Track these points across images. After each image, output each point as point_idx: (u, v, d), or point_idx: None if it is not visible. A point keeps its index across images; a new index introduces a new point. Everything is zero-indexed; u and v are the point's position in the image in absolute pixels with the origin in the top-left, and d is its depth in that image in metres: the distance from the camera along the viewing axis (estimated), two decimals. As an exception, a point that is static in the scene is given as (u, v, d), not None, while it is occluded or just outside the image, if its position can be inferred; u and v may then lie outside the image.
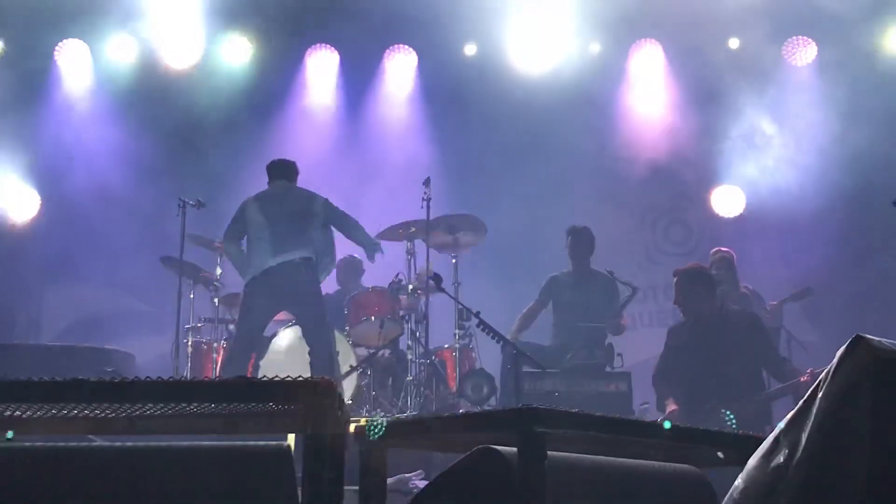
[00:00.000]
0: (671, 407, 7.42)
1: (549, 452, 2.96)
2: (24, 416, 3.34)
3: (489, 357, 9.47)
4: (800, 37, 11.76)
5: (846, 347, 2.69)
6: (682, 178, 11.71)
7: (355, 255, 10.14)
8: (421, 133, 12.13)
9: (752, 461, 2.82)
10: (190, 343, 9.36)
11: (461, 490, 3.06)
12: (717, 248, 10.13)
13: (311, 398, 2.87)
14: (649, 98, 12.12)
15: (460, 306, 8.72)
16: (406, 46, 12.29)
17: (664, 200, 11.90)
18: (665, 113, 11.99)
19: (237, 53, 12.12)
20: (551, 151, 11.79)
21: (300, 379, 2.89)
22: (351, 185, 10.54)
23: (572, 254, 9.45)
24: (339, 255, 9.40)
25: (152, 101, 11.72)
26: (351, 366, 8.82)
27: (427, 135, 12.09)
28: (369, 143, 12.09)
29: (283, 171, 8.93)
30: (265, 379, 2.93)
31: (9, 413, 3.34)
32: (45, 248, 11.31)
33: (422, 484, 6.68)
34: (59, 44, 11.87)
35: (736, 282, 9.58)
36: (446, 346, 9.48)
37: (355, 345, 9.19)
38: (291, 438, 4.52)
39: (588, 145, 11.72)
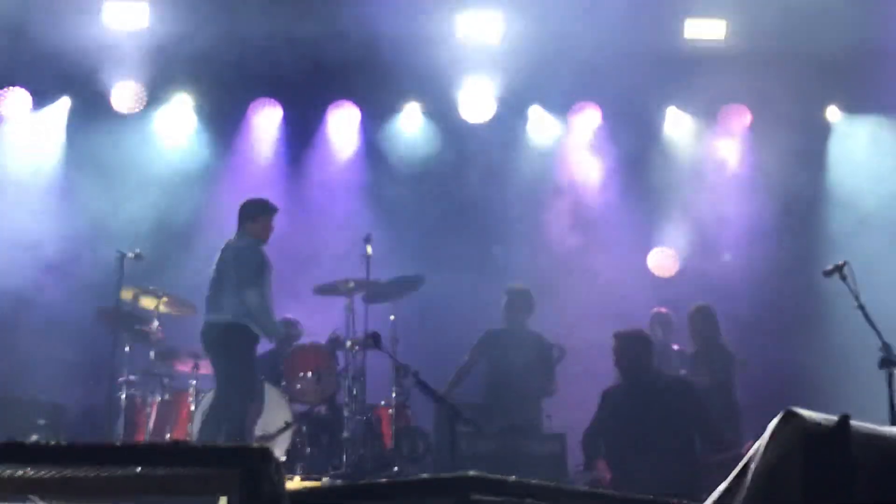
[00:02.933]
0: (602, 470, 7.46)
1: (484, 521, 2.98)
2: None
3: (425, 414, 9.49)
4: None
5: (778, 420, 2.76)
6: (616, 238, 11.88)
7: (287, 316, 10.10)
8: (362, 189, 12.16)
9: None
10: (124, 396, 9.24)
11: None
12: (656, 309, 10.30)
13: (247, 463, 2.87)
14: (585, 161, 12.35)
15: (398, 364, 8.73)
16: (349, 102, 12.34)
17: (599, 261, 12.01)
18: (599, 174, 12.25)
19: (180, 106, 12.11)
20: (490, 207, 11.94)
21: (236, 444, 2.90)
22: (292, 238, 10.50)
23: (508, 313, 9.52)
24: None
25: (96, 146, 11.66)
26: (286, 422, 8.76)
27: (368, 191, 12.13)
28: (311, 198, 12.09)
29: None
30: (201, 444, 2.94)
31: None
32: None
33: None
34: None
35: (669, 344, 9.76)
36: (383, 402, 9.47)
37: (292, 400, 9.13)
38: (224, 501, 4.48)
39: (528, 203, 11.90)
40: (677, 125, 12.33)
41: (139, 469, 3.20)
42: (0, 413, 8.82)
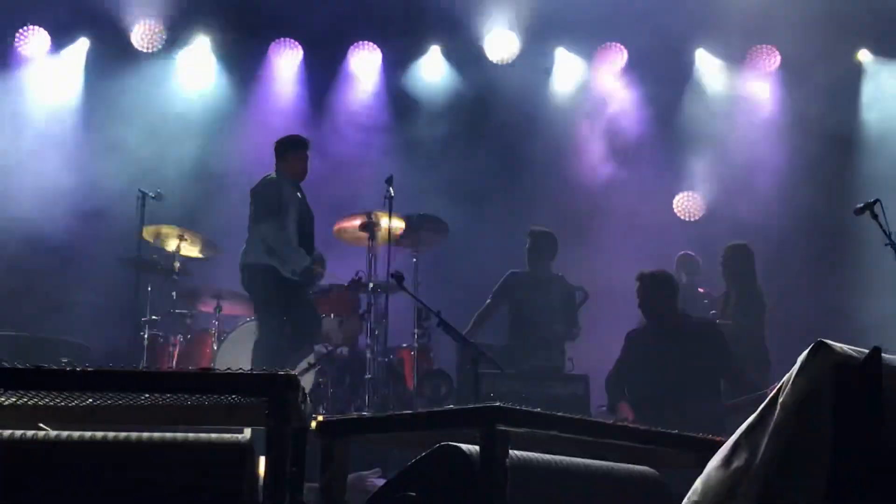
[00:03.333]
0: (625, 412, 7.44)
1: (510, 451, 2.98)
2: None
3: (446, 357, 9.49)
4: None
5: (808, 352, 2.71)
6: (642, 183, 11.81)
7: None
8: (385, 131, 12.12)
9: (712, 464, 2.84)
10: (147, 336, 9.27)
11: (423, 486, 3.07)
12: (683, 251, 10.26)
13: (275, 392, 2.86)
14: (612, 102, 12.27)
15: (420, 305, 8.70)
16: (371, 43, 12.28)
17: (623, 205, 11.95)
18: (629, 121, 12.16)
19: (200, 47, 12.07)
20: (516, 156, 11.91)
21: (264, 372, 2.88)
22: (312, 176, 10.49)
23: (531, 256, 9.47)
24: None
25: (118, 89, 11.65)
26: (309, 363, 8.76)
27: (392, 133, 12.09)
28: (333, 140, 12.04)
29: None
30: (227, 371, 2.92)
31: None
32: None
33: (379, 482, 6.67)
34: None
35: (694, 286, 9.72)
36: (405, 345, 9.47)
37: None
38: (248, 432, 4.49)
39: (552, 151, 11.85)
40: (706, 66, 12.21)
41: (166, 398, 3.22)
42: (25, 353, 8.83)
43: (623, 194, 11.67)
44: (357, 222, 9.37)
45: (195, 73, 12.10)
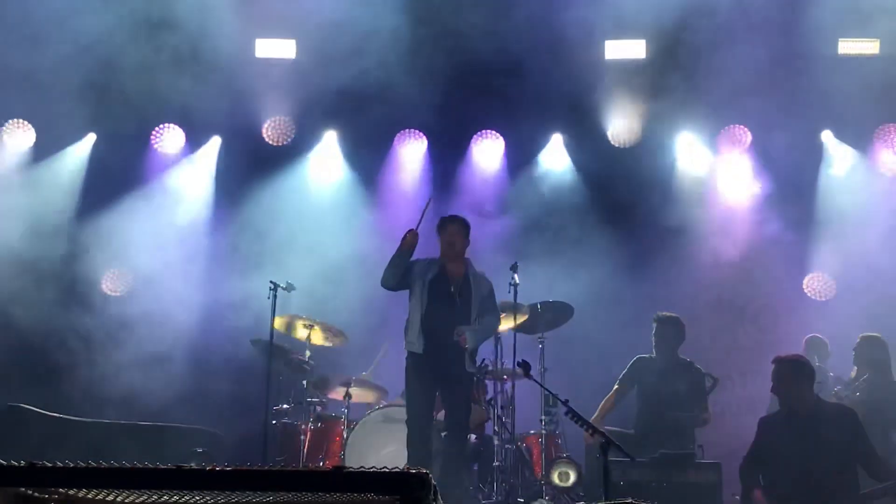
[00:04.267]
0: (760, 500, 7.25)
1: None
2: (125, 500, 3.42)
3: (575, 443, 9.42)
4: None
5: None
6: (770, 263, 11.66)
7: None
8: (508, 218, 12.22)
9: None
10: (278, 424, 9.44)
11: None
12: (812, 334, 10.08)
13: (407, 490, 2.89)
14: (736, 183, 12.18)
15: (547, 393, 8.68)
16: (494, 132, 12.46)
17: (752, 287, 11.79)
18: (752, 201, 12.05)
19: (329, 140, 12.44)
20: (639, 236, 11.90)
21: (396, 470, 2.91)
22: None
23: (658, 341, 9.38)
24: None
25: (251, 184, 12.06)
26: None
27: (514, 220, 12.18)
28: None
29: None
30: (361, 469, 2.96)
31: (110, 497, 3.42)
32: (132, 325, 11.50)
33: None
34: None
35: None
36: (532, 431, 9.44)
37: (442, 429, 9.17)
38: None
39: (676, 228, 11.79)
40: (833, 147, 12.07)
41: (297, 496, 3.27)
42: (160, 441, 9.07)
43: (749, 281, 11.51)
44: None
45: (324, 167, 12.43)
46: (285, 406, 9.71)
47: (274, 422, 9.46)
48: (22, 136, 12.21)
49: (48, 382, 10.96)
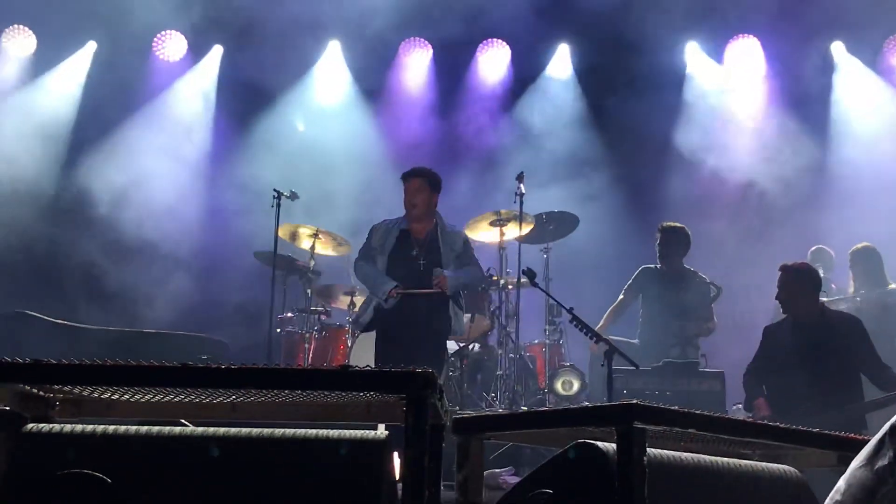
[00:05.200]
0: (763, 408, 7.29)
1: (647, 449, 2.95)
2: (130, 399, 3.43)
3: (579, 353, 9.46)
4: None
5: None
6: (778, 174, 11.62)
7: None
8: (515, 127, 12.15)
9: (855, 463, 2.77)
10: (283, 333, 9.47)
11: (558, 484, 3.05)
12: (817, 246, 10.05)
13: (413, 389, 2.89)
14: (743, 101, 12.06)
15: (553, 302, 8.68)
16: (499, 41, 12.32)
17: (758, 199, 11.74)
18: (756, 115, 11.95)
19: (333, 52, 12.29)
20: (648, 151, 11.82)
21: (402, 369, 2.91)
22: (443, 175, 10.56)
23: (663, 252, 9.35)
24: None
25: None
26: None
27: (519, 129, 12.11)
28: (461, 135, 12.12)
29: None
30: (367, 368, 2.95)
31: (115, 396, 3.42)
32: (144, 235, 11.49)
33: (513, 480, 6.69)
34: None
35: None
36: (536, 341, 9.47)
37: (445, 338, 9.21)
38: (381, 428, 4.54)
39: (689, 147, 11.71)
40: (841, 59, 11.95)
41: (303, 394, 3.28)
42: (165, 349, 9.10)
43: (756, 188, 11.45)
44: (487, 220, 9.39)
45: (329, 74, 12.32)
46: (290, 315, 9.73)
47: (278, 330, 9.50)
48: (23, 42, 12.06)
49: (54, 291, 11.00)
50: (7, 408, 3.33)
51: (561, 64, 12.43)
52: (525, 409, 8.68)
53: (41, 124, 11.82)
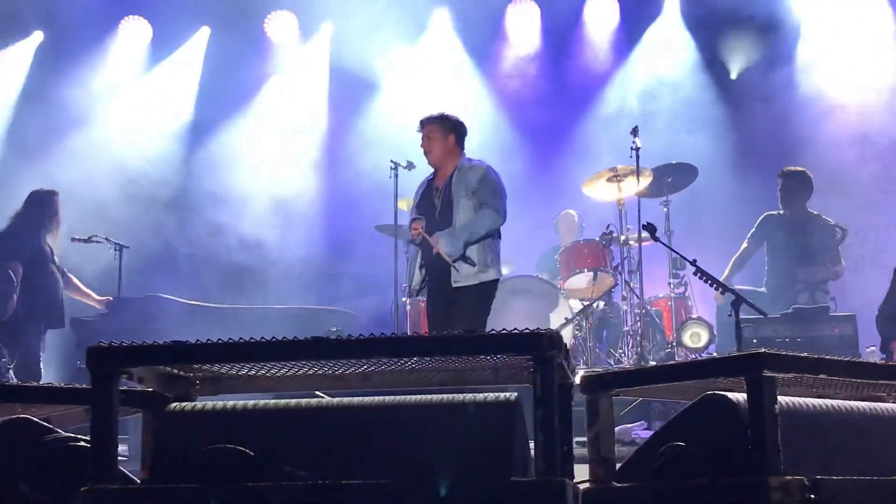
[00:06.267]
0: (900, 350, 7.15)
1: (779, 398, 2.94)
2: (266, 374, 3.55)
3: (704, 305, 9.39)
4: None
5: None
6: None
7: (572, 211, 10.26)
8: (626, 80, 12.03)
9: None
10: (408, 302, 9.59)
11: (691, 436, 3.06)
12: None
13: (539, 350, 2.93)
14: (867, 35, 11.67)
15: (675, 255, 8.63)
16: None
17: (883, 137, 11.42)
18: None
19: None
20: (760, 94, 11.59)
21: (528, 331, 2.95)
22: (559, 134, 10.60)
23: (785, 196, 9.19)
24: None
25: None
26: (566, 318, 8.86)
27: (634, 82, 11.99)
28: (574, 88, 12.06)
29: None
30: (492, 331, 3.00)
31: (252, 372, 3.54)
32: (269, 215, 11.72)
33: (643, 434, 6.70)
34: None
35: None
36: (661, 295, 9.43)
37: (569, 297, 9.22)
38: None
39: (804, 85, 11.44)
40: None
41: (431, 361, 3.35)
42: (295, 323, 9.30)
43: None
44: (605, 177, 9.36)
45: (438, 42, 12.38)
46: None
47: (404, 300, 9.62)
48: (139, 31, 12.37)
49: (184, 276, 11.31)
50: (151, 389, 3.49)
51: (670, 12, 12.22)
52: (653, 363, 8.67)
53: (162, 112, 12.13)
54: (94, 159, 11.22)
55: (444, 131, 7.46)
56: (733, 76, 11.84)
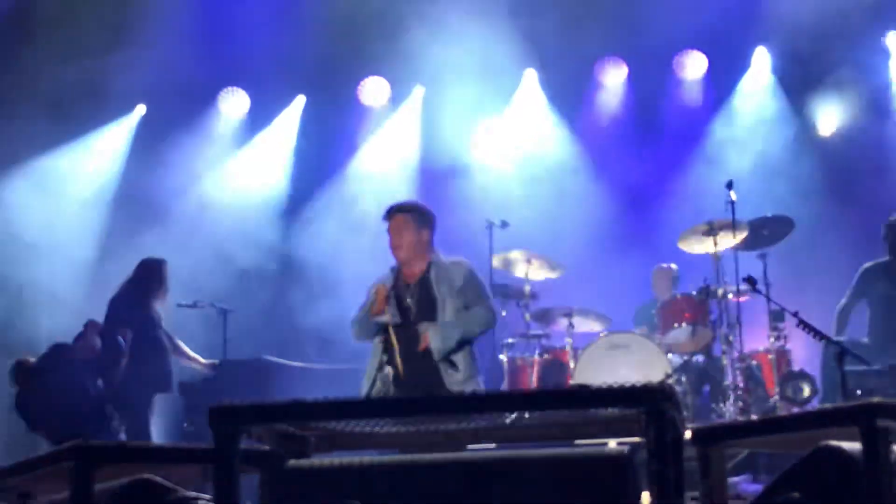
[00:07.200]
0: None
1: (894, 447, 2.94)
2: (379, 431, 3.63)
3: (805, 358, 9.28)
4: None
5: None
6: None
7: (670, 265, 10.25)
8: (718, 134, 12.02)
9: None
10: (505, 359, 9.64)
11: (805, 486, 3.07)
12: None
13: (653, 402, 2.97)
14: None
15: (775, 307, 8.56)
16: (697, 51, 12.25)
17: None
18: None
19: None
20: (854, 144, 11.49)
21: (640, 384, 2.99)
22: (651, 193, 10.58)
23: (888, 246, 9.07)
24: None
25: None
26: (666, 373, 8.81)
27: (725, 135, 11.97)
28: (665, 144, 12.06)
29: None
30: (606, 385, 3.05)
31: (367, 429, 3.63)
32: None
33: (750, 488, 6.63)
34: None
35: None
36: (761, 349, 9.33)
37: (668, 352, 9.18)
38: (612, 444, 4.61)
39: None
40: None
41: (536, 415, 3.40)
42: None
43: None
44: (700, 231, 9.34)
45: (527, 102, 12.51)
46: (511, 340, 9.89)
47: (501, 356, 9.67)
48: (238, 102, 12.72)
49: (285, 337, 11.48)
50: (268, 447, 3.59)
51: (760, 65, 12.21)
52: (754, 417, 8.57)
53: (259, 180, 12.42)
54: (193, 228, 11.52)
55: (416, 224, 6.79)
56: (828, 127, 11.73)
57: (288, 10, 11.59)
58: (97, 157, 12.39)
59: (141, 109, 12.60)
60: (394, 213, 6.84)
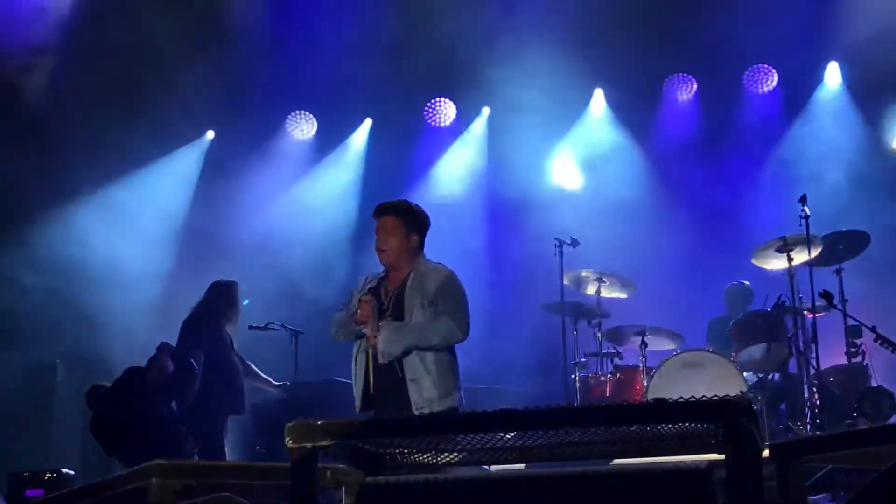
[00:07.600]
0: None
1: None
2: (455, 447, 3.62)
3: (883, 374, 9.12)
4: None
5: None
6: None
7: (744, 282, 10.14)
8: (790, 148, 11.90)
9: None
10: (577, 378, 9.59)
11: (884, 503, 3.01)
12: None
13: (731, 417, 2.92)
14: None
15: (852, 323, 8.43)
16: (768, 66, 12.16)
17: None
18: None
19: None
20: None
21: (718, 398, 2.94)
22: (724, 208, 10.47)
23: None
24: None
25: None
26: (741, 391, 8.69)
27: (797, 150, 11.85)
28: (737, 159, 11.96)
29: None
30: (682, 400, 3.01)
31: (441, 446, 3.62)
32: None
33: (830, 506, 6.52)
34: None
35: None
36: (838, 365, 9.19)
37: (743, 370, 9.06)
38: (688, 460, 4.54)
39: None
40: None
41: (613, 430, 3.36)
42: (479, 401, 9.36)
43: None
44: (774, 246, 9.23)
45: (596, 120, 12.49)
46: (583, 360, 9.84)
47: (573, 376, 9.61)
48: (305, 126, 12.84)
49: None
50: (345, 466, 3.60)
51: (832, 78, 12.09)
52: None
53: (327, 203, 12.50)
54: (262, 253, 11.63)
55: (405, 228, 6.37)
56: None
57: (354, 34, 11.67)
58: (169, 179, 12.54)
59: (210, 134, 12.75)
60: (383, 213, 6.40)
